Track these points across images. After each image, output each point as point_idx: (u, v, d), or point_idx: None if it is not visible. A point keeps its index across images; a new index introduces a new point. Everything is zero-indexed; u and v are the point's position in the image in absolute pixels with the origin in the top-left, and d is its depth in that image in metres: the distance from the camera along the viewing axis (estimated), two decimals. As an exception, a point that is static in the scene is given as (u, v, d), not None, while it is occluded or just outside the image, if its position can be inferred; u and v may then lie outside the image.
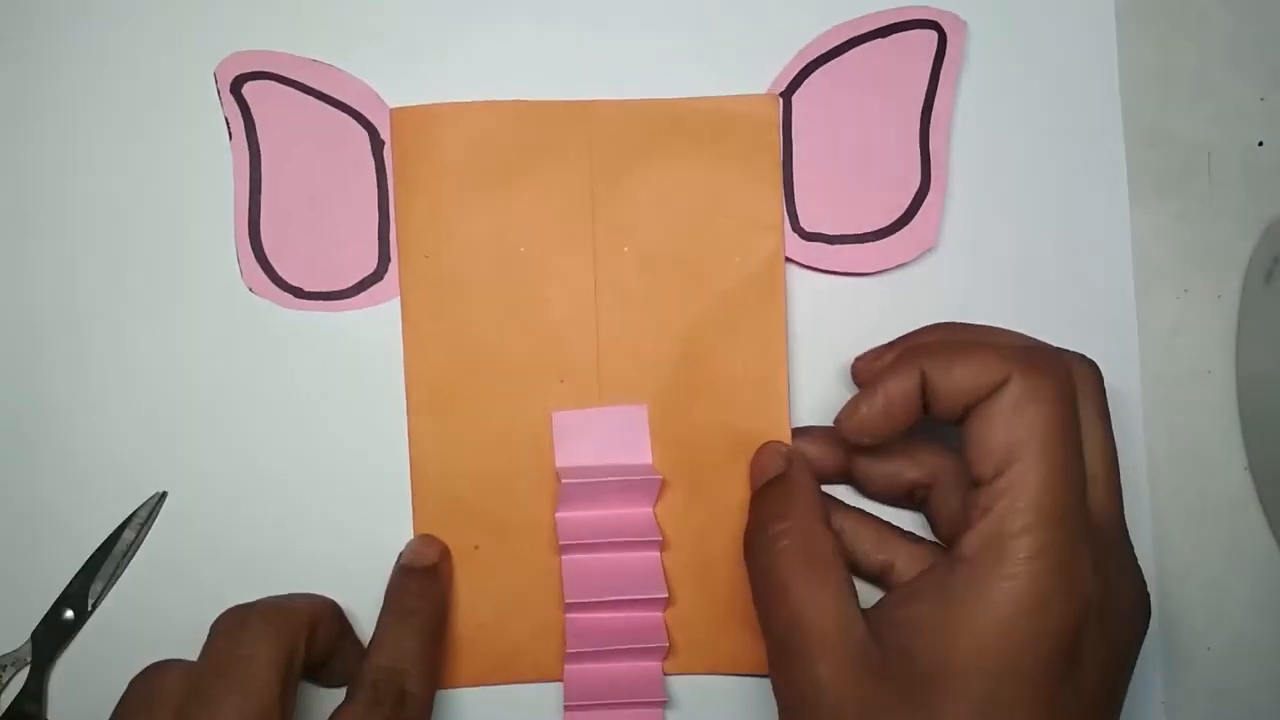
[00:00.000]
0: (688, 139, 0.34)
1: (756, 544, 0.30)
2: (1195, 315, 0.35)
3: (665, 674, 0.33)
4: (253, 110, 0.34)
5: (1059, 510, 0.26)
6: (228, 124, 0.34)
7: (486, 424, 0.33)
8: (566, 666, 0.32)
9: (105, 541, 0.33)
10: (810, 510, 0.30)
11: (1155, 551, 0.35)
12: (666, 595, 0.32)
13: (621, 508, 0.33)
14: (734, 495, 0.33)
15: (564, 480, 0.32)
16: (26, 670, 0.33)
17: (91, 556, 0.33)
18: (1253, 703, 0.35)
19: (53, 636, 0.33)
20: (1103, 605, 0.27)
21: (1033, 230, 0.35)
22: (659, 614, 0.33)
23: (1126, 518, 0.35)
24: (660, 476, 0.33)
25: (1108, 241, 0.35)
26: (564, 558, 0.33)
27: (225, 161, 0.34)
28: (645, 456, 0.33)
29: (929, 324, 0.32)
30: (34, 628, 0.33)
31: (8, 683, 0.32)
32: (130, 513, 0.33)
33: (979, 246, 0.35)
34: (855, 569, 0.32)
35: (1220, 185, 0.36)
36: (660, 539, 0.33)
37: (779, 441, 0.33)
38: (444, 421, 0.33)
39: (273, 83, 0.34)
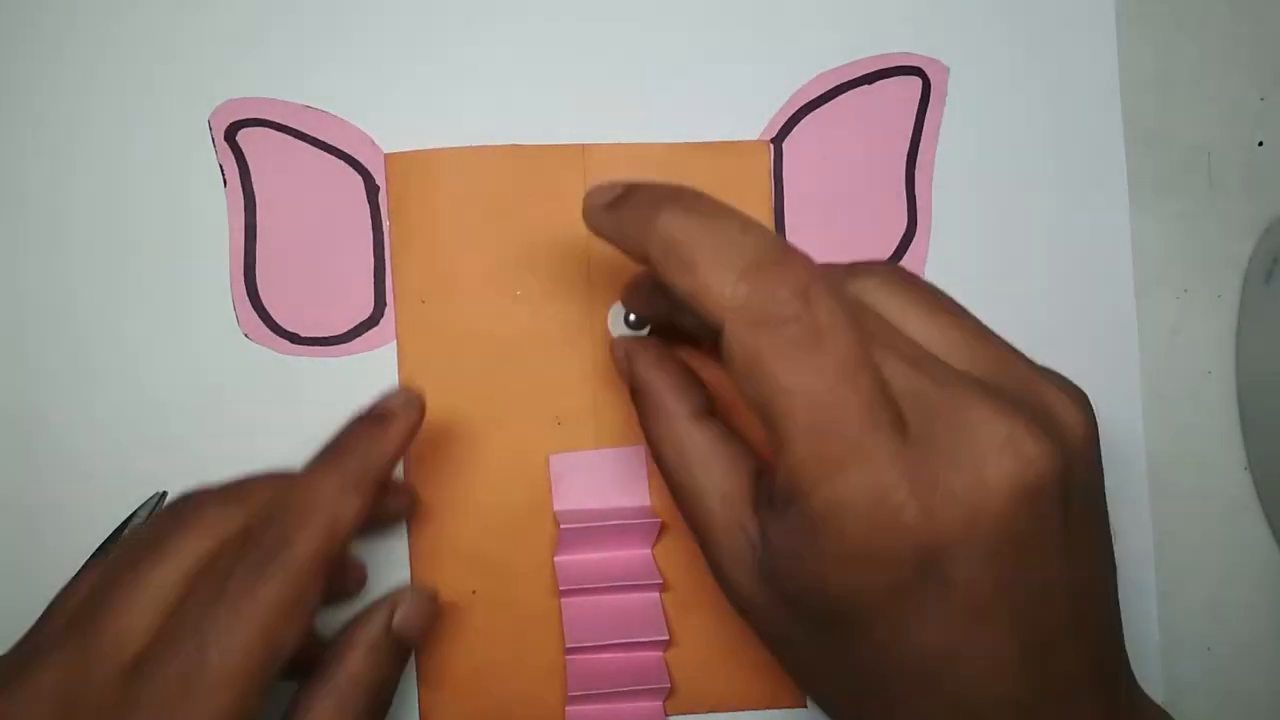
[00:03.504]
0: (682, 182, 0.33)
1: (650, 446, 0.28)
2: (1195, 315, 0.35)
3: (667, 715, 0.33)
4: (247, 157, 0.34)
5: (836, 454, 0.23)
6: (222, 171, 0.34)
7: (483, 467, 0.33)
8: (568, 709, 0.33)
9: (105, 541, 0.33)
10: (671, 410, 0.28)
11: (1155, 551, 0.35)
12: (668, 637, 0.32)
13: (620, 550, 0.33)
14: None
15: (562, 525, 0.32)
16: (26, 670, 0.33)
17: (91, 556, 0.33)
18: (1253, 703, 0.35)
19: (52, 636, 0.33)
20: (957, 530, 0.22)
21: (1032, 231, 0.35)
22: (660, 655, 0.33)
23: (1126, 518, 0.35)
24: (659, 519, 0.33)
25: (1108, 241, 0.35)
26: (564, 601, 0.33)
27: (220, 208, 0.34)
28: (644, 498, 0.33)
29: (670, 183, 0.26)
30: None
31: (8, 683, 0.32)
32: (130, 513, 0.33)
33: (977, 246, 0.35)
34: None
35: (1220, 185, 0.36)
36: (660, 581, 0.33)
37: (617, 340, 0.30)
38: (440, 465, 0.33)
39: (267, 129, 0.34)
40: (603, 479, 0.34)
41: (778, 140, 0.34)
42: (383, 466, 0.28)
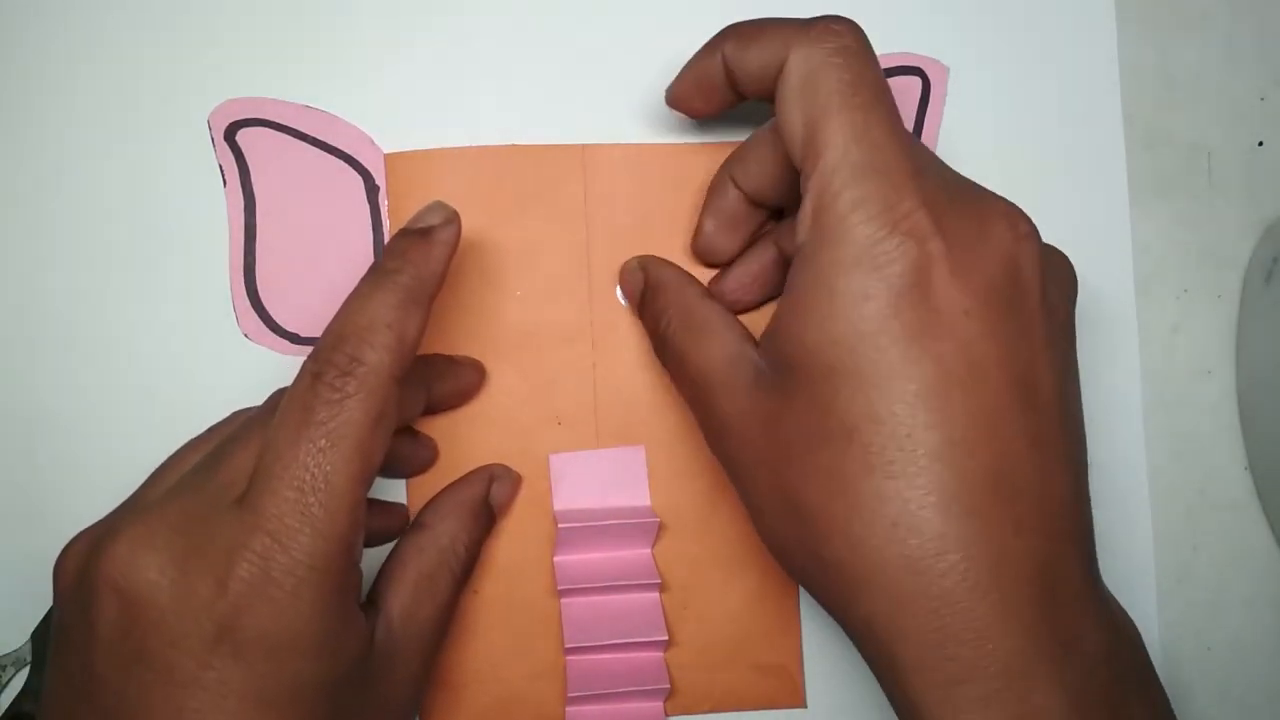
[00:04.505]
0: (683, 183, 0.34)
1: (656, 343, 0.32)
2: (1195, 315, 0.35)
3: (667, 715, 0.33)
4: (247, 157, 0.34)
5: (870, 161, 0.26)
6: (222, 171, 0.34)
7: (484, 468, 0.33)
8: (568, 710, 0.33)
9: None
10: (680, 291, 0.31)
11: (1155, 551, 0.35)
12: (667, 637, 0.32)
13: (620, 550, 0.33)
14: (733, 535, 0.34)
15: (561, 524, 0.32)
16: (26, 670, 0.33)
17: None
18: (1253, 703, 0.35)
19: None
20: (955, 252, 0.26)
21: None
22: (660, 655, 0.33)
23: (1126, 518, 0.35)
24: (658, 519, 0.33)
25: (1108, 241, 0.35)
26: (563, 601, 0.33)
27: (220, 208, 0.34)
28: (644, 498, 0.33)
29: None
30: (34, 628, 0.33)
31: (8, 683, 0.32)
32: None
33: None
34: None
35: (1220, 185, 0.36)
36: (659, 581, 0.33)
37: (631, 259, 0.33)
38: (441, 466, 0.33)
39: (267, 129, 0.34)
40: (603, 479, 0.33)
41: (779, 140, 0.34)
42: (435, 277, 0.28)
